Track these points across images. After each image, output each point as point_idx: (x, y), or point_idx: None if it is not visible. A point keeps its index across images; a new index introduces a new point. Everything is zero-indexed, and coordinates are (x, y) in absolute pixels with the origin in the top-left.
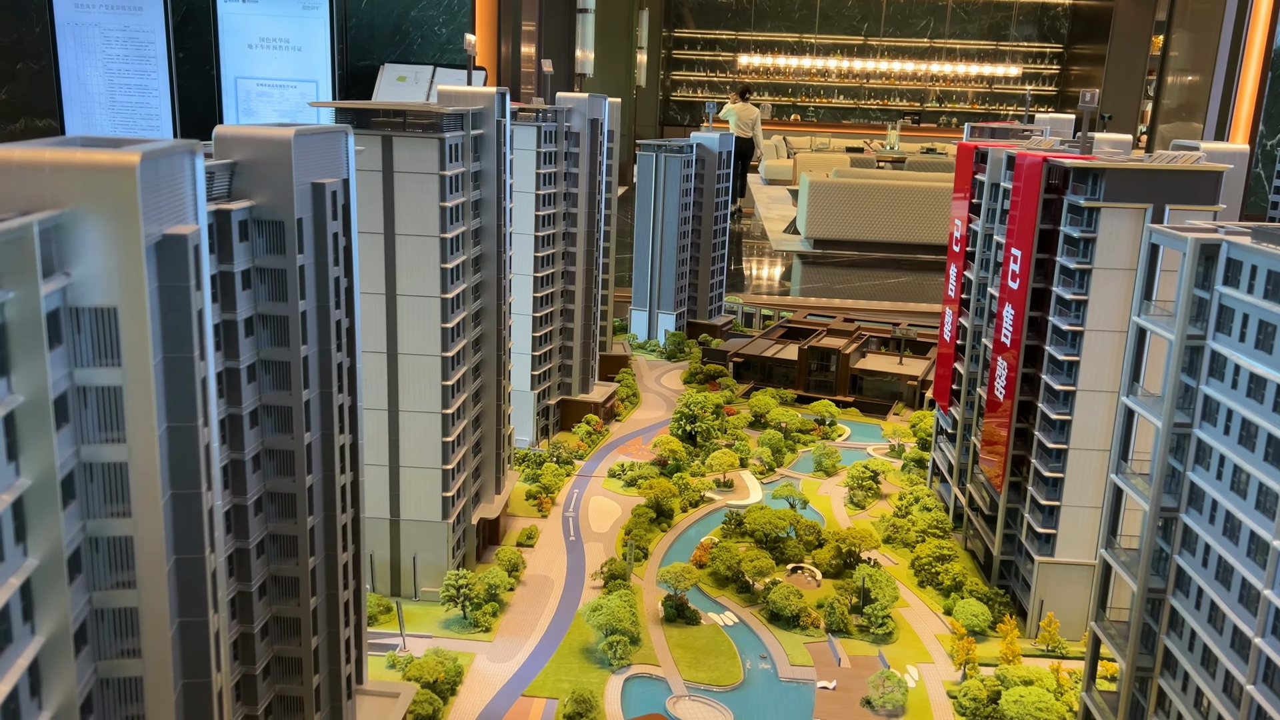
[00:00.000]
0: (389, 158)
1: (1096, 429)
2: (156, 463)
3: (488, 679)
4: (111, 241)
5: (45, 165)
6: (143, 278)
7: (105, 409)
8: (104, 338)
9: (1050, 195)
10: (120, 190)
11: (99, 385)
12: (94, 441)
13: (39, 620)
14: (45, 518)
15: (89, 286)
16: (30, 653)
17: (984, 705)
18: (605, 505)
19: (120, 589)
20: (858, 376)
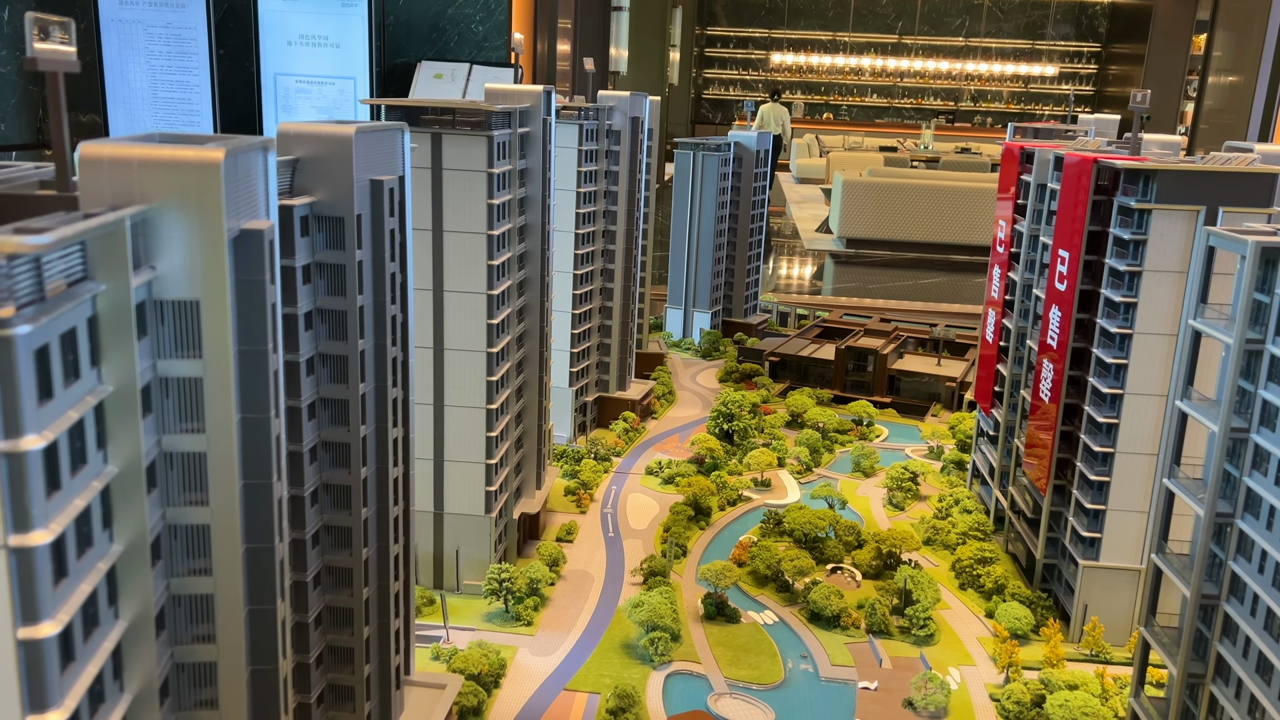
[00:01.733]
0: (438, 155)
1: (1144, 433)
2: (234, 453)
3: (530, 672)
4: (195, 236)
5: (134, 161)
6: (225, 271)
7: (186, 400)
8: (186, 330)
9: (1100, 196)
10: (205, 185)
11: (180, 376)
12: (174, 431)
13: (123, 605)
14: (131, 505)
15: (173, 280)
16: (115, 636)
17: (1027, 709)
18: (643, 502)
19: (196, 576)
20: (895, 377)
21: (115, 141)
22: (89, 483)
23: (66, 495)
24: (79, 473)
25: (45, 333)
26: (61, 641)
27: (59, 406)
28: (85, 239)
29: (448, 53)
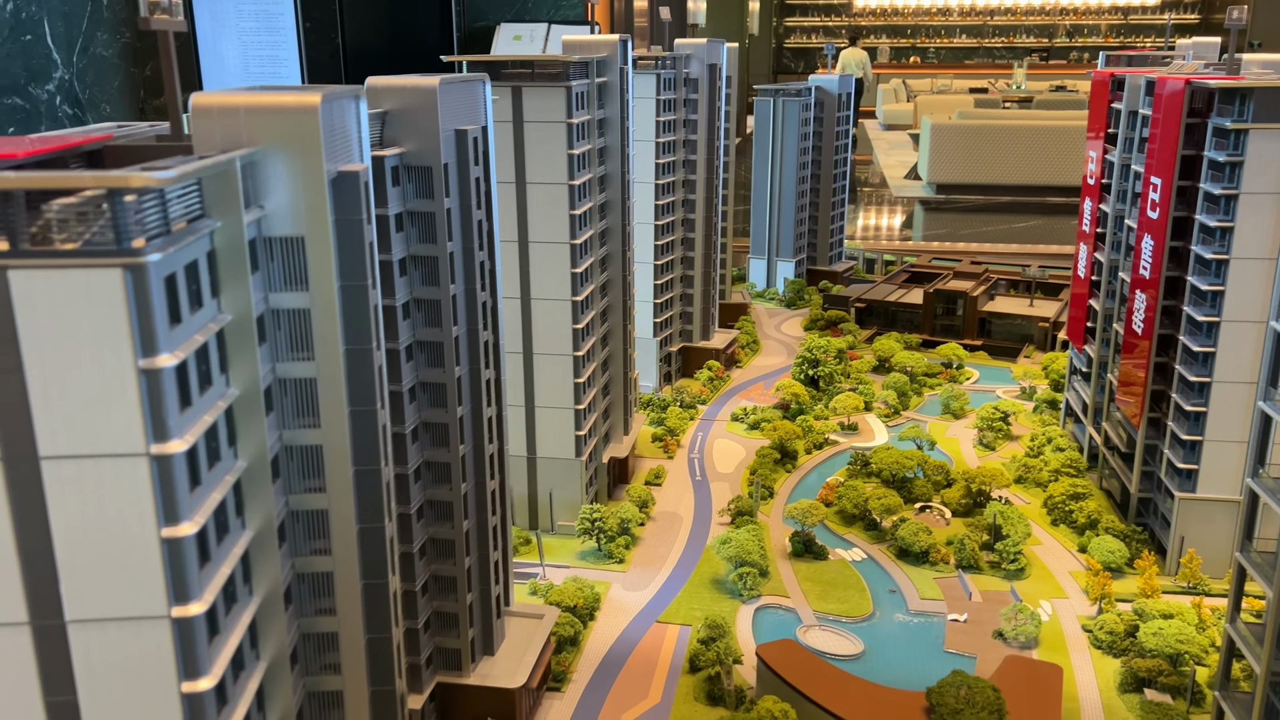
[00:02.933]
0: (519, 108)
1: (1242, 361)
2: (342, 380)
3: (623, 606)
4: (298, 176)
5: (241, 109)
6: (326, 208)
7: (295, 330)
8: (293, 265)
9: (1193, 119)
10: (305, 128)
11: (290, 308)
12: (286, 360)
13: (249, 516)
14: (251, 425)
15: (280, 218)
16: (243, 543)
17: (1120, 638)
18: (729, 447)
19: (312, 493)
20: (986, 319)
21: (223, 91)
22: (215, 402)
23: (197, 411)
24: (206, 392)
25: (172, 262)
26: (199, 542)
27: (187, 330)
28: (201, 176)
29: (526, 14)
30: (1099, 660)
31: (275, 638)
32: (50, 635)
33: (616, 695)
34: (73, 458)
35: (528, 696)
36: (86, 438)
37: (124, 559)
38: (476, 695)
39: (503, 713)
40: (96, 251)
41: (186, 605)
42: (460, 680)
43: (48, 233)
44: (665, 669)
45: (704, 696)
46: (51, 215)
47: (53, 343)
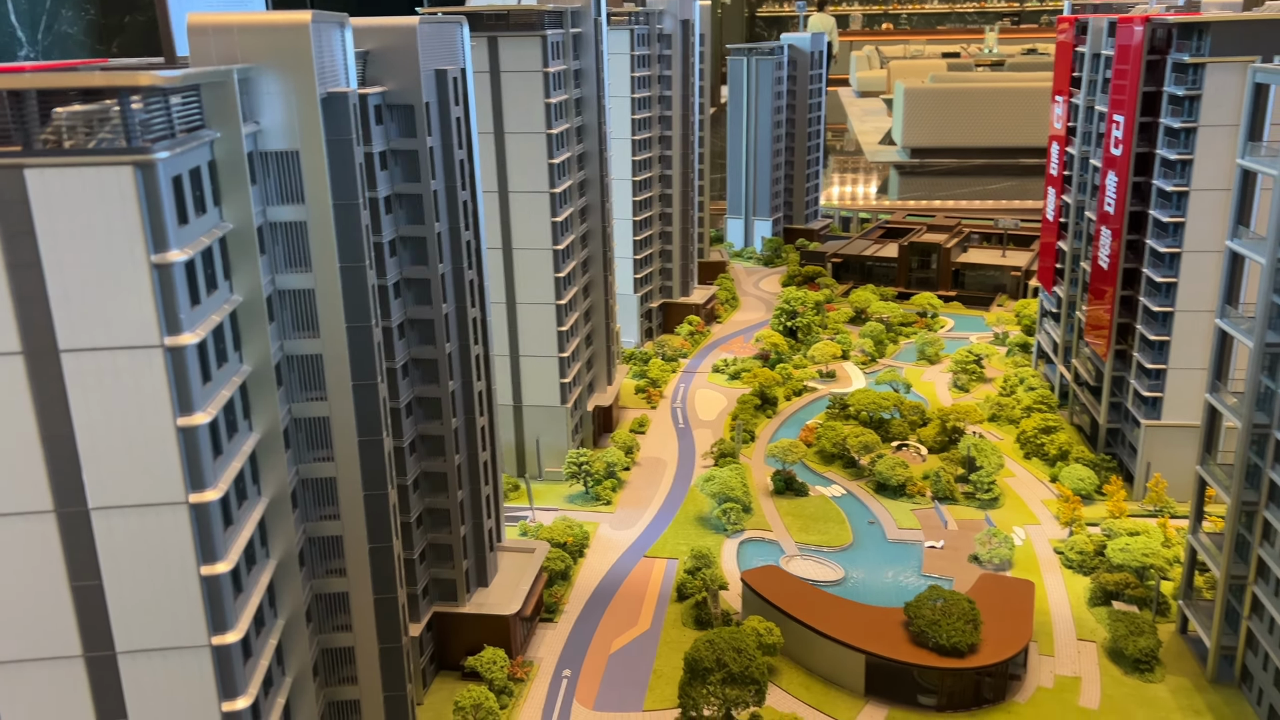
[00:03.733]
0: (495, 58)
1: (1203, 290)
2: (339, 292)
3: (612, 543)
4: (291, 92)
5: (234, 27)
6: (319, 123)
7: (292, 243)
8: (288, 180)
9: (1154, 56)
10: (298, 45)
11: (286, 221)
12: (285, 271)
13: (255, 420)
14: (255, 330)
15: (274, 134)
16: (251, 444)
17: (1090, 558)
18: (711, 397)
19: (314, 401)
20: (959, 270)
21: (217, 12)
22: (220, 305)
23: (205, 310)
24: (212, 295)
25: (178, 164)
26: (211, 433)
27: (193, 231)
28: (201, 84)
29: None
30: (1070, 579)
31: (284, 537)
32: (75, 522)
33: (608, 623)
34: (91, 350)
35: (522, 624)
36: (103, 331)
37: (143, 448)
38: (472, 623)
39: (498, 639)
40: (108, 150)
41: (203, 491)
42: (456, 609)
43: (60, 136)
44: (654, 599)
45: (692, 621)
46: (62, 121)
47: (69, 239)
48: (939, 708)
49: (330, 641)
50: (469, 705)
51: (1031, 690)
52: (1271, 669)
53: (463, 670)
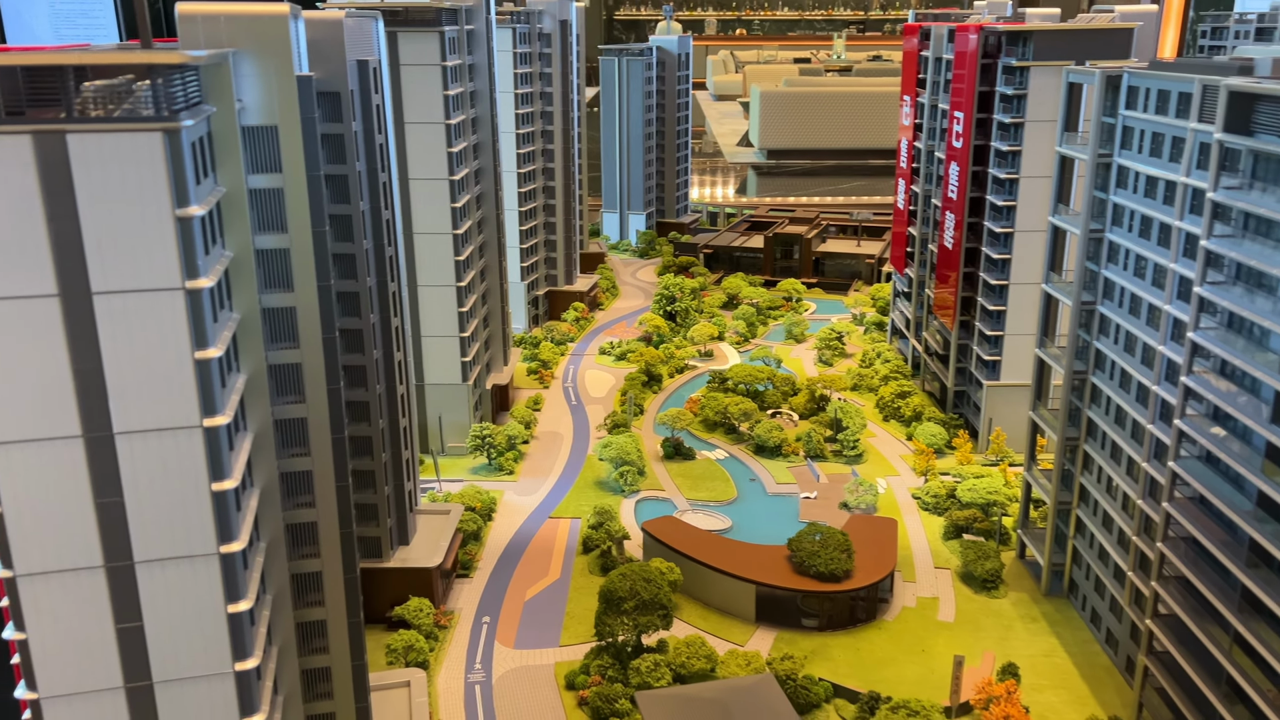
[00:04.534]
0: (394, 52)
1: (1034, 265)
2: (311, 252)
3: (518, 508)
4: (271, 73)
5: (221, 16)
6: (296, 102)
7: (267, 208)
8: (266, 151)
9: (987, 60)
10: (279, 32)
11: (262, 188)
12: (261, 233)
13: (243, 362)
14: (244, 284)
15: (253, 111)
16: (241, 385)
17: (943, 500)
18: (600, 376)
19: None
20: (820, 259)
21: (204, 3)
22: (218, 260)
23: (212, 260)
24: (212, 252)
25: (195, 131)
26: (220, 367)
27: (203, 191)
28: (206, 64)
29: None
30: (926, 519)
31: (266, 468)
32: (100, 446)
33: (520, 576)
34: (120, 293)
35: (442, 578)
36: (132, 275)
37: (164, 378)
38: (397, 577)
39: (422, 591)
40: (140, 118)
41: (215, 416)
42: (381, 565)
43: (86, 106)
44: (561, 553)
45: (598, 569)
46: (90, 93)
47: (103, 196)
48: (820, 628)
49: (301, 567)
50: (400, 647)
51: (898, 610)
52: (1093, 578)
53: (390, 621)
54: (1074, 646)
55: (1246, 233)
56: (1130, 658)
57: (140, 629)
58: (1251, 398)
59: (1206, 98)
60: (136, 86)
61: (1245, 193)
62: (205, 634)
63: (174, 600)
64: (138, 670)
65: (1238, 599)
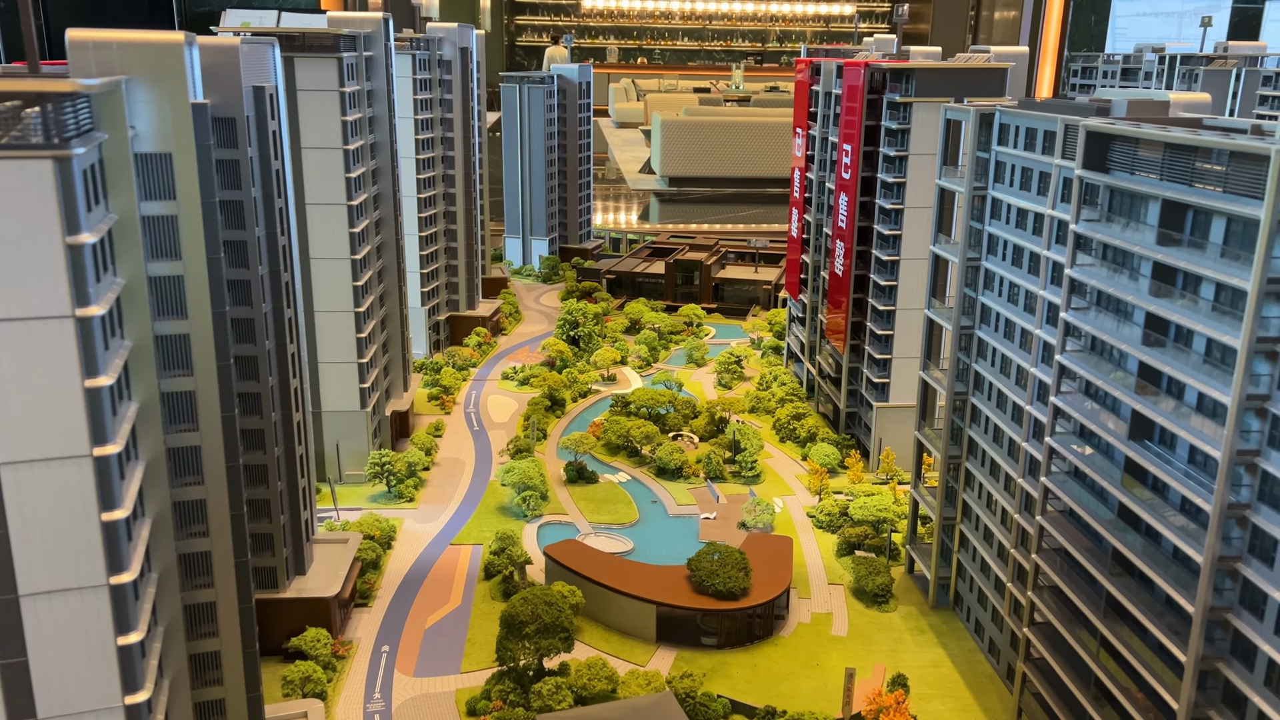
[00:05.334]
0: (291, 78)
1: (919, 291)
2: (205, 279)
3: (418, 535)
4: (166, 101)
5: (113, 43)
6: (190, 128)
7: (161, 235)
8: (162, 178)
9: (873, 95)
10: (174, 60)
11: (156, 215)
12: (154, 260)
13: (135, 390)
14: (137, 311)
15: (147, 138)
16: (133, 412)
17: (836, 518)
18: (502, 402)
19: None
20: (719, 285)
21: (94, 29)
22: (110, 288)
23: (104, 288)
24: (103, 279)
25: (85, 159)
26: (111, 395)
27: (94, 219)
28: (92, 95)
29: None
30: (820, 536)
31: (159, 497)
32: None
33: (421, 604)
34: (8, 320)
35: (340, 607)
36: (21, 303)
37: (53, 407)
38: (294, 607)
39: (319, 621)
40: (29, 145)
41: (105, 446)
42: (277, 595)
43: None
44: (463, 580)
45: (500, 595)
46: None
47: None
48: (719, 646)
49: (194, 598)
50: (297, 679)
51: (794, 626)
52: (976, 590)
53: (285, 652)
54: (959, 656)
55: (1105, 262)
56: (1010, 665)
57: (25, 664)
58: (1112, 415)
59: (1068, 136)
60: (26, 114)
61: (1104, 225)
62: (94, 668)
63: (61, 633)
64: (22, 707)
65: (1103, 605)
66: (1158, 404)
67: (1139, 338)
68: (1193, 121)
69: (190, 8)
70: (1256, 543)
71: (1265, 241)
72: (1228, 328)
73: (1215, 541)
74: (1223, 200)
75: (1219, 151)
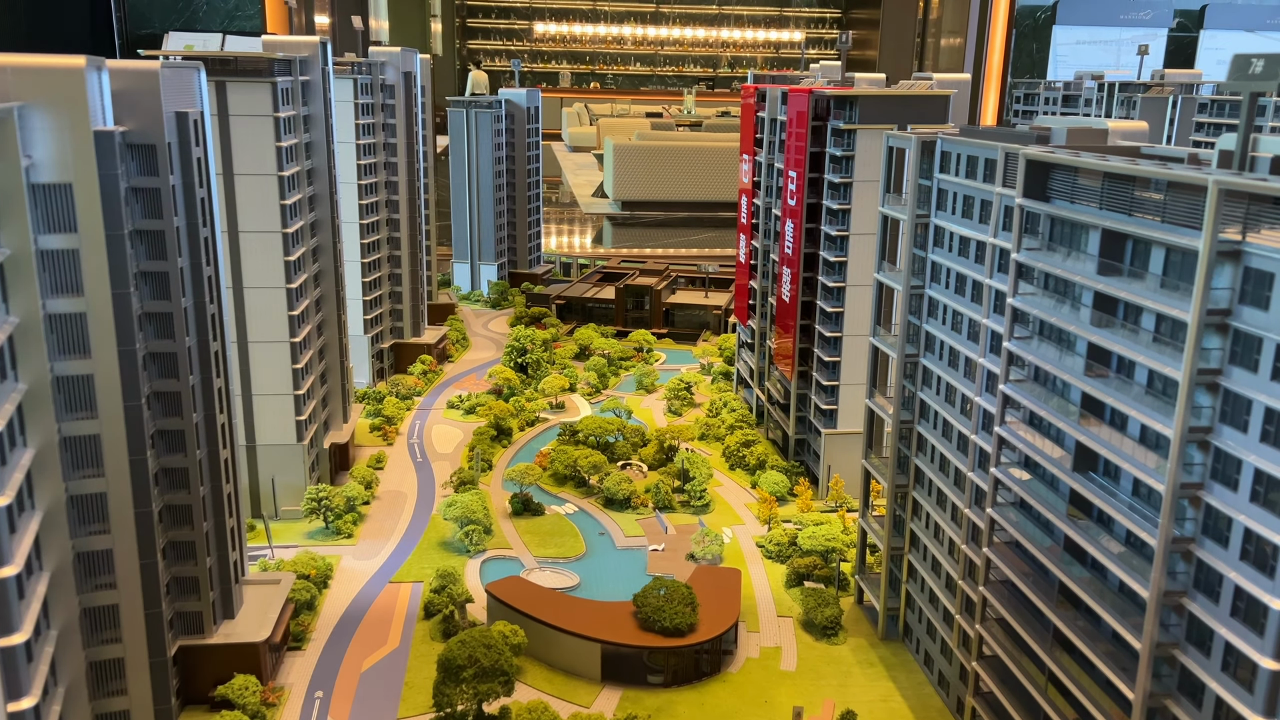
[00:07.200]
0: (223, 102)
1: (866, 318)
2: (111, 316)
3: (356, 573)
4: (65, 129)
5: (6, 68)
6: (93, 157)
7: (63, 270)
8: (61, 209)
9: (818, 123)
10: (73, 86)
11: (57, 249)
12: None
13: (30, 436)
14: (31, 352)
15: (46, 167)
16: (27, 461)
17: (785, 548)
18: (447, 431)
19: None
20: (669, 310)
21: None
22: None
23: None
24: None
25: None
26: None
27: None
28: None
29: (196, 23)
30: (770, 567)
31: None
32: None
33: (357, 646)
34: None
35: (271, 652)
36: None
37: None
38: (221, 654)
39: (248, 667)
40: None
41: None
42: (203, 641)
43: None
44: (401, 619)
45: (440, 635)
46: None
47: None
48: (666, 684)
49: (99, 654)
50: None
51: (742, 661)
52: (925, 621)
53: (212, 701)
54: (909, 690)
55: (1047, 291)
56: (960, 699)
57: None
58: (1056, 446)
59: (1009, 164)
60: None
61: (1045, 254)
62: None
63: None
64: None
65: (1050, 639)
66: (1101, 435)
67: (1081, 368)
68: (1131, 150)
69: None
70: (1202, 577)
71: (1204, 272)
72: (1169, 359)
73: (1160, 576)
74: (1161, 230)
75: (1157, 181)
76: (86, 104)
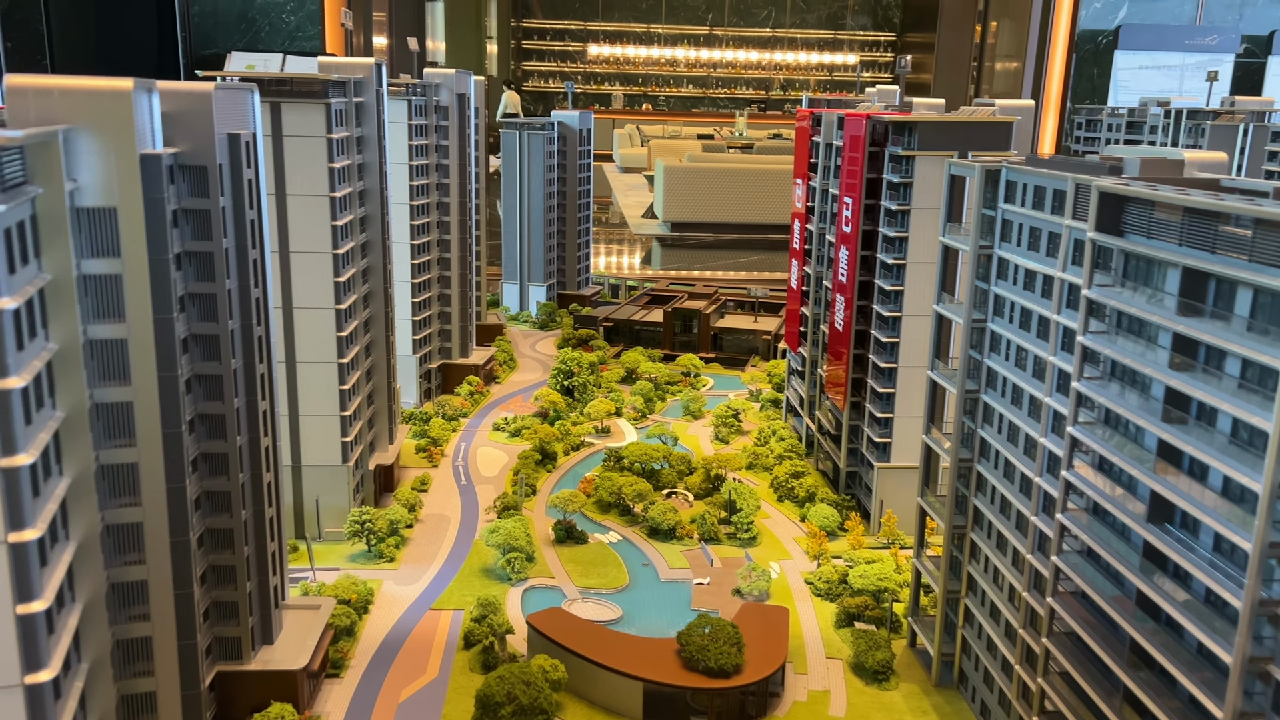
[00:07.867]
0: (278, 123)
1: (922, 350)
2: (152, 342)
3: (397, 599)
4: (111, 153)
5: (55, 89)
6: (139, 183)
7: (105, 295)
8: (105, 233)
9: (874, 148)
10: (120, 109)
11: (99, 274)
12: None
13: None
14: (70, 378)
15: (91, 191)
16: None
17: (835, 586)
18: (492, 454)
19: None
20: (718, 334)
21: (35, 75)
22: (39, 352)
23: (28, 355)
24: (28, 346)
25: (7, 217)
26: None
27: (19, 281)
28: (25, 145)
29: (259, 44)
30: (819, 605)
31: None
32: None
33: (395, 675)
34: None
35: (309, 679)
36: None
37: None
38: (259, 680)
39: (285, 695)
40: None
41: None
42: (241, 668)
43: None
44: (441, 649)
45: (479, 666)
46: None
47: None
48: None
49: (131, 688)
50: None
51: (789, 705)
52: (982, 670)
53: None
54: None
55: (1120, 330)
56: None
57: None
58: (1130, 494)
59: (1079, 196)
60: None
61: (1118, 290)
62: None
63: None
64: None
65: (1120, 700)
66: (1179, 485)
67: (1159, 412)
68: (1210, 183)
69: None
70: None
71: None
72: (1257, 408)
73: (1246, 641)
74: (1249, 270)
75: (1242, 217)
76: (134, 127)
